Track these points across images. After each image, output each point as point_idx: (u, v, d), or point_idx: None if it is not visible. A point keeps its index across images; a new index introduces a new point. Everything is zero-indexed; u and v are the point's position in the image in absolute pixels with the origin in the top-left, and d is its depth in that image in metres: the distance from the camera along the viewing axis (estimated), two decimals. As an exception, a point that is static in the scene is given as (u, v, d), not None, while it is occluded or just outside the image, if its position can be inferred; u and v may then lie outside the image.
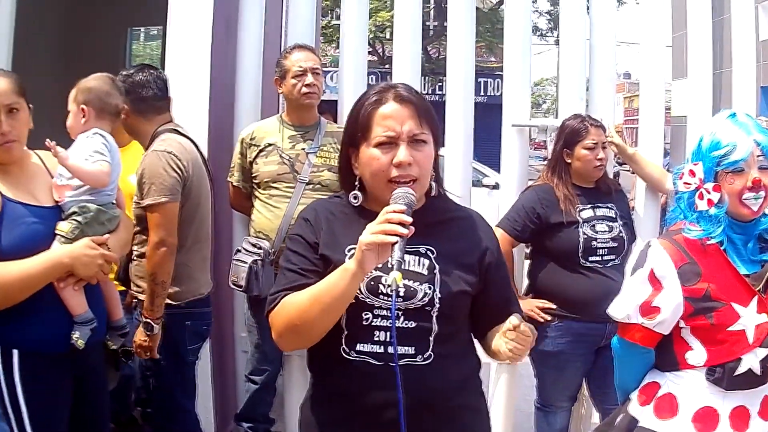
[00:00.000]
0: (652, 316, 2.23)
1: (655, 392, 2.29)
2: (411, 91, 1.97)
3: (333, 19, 21.30)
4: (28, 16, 4.34)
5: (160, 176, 3.09)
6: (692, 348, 2.23)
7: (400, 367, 1.81)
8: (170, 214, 3.11)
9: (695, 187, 2.24)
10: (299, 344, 1.96)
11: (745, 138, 2.19)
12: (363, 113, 1.94)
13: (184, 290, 3.23)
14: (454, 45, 4.07)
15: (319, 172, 3.61)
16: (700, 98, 4.02)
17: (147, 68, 3.40)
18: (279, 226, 3.55)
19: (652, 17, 4.04)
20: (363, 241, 1.73)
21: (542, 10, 27.36)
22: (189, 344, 3.30)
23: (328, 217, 2.00)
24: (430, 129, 1.94)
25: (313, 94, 3.65)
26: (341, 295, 1.79)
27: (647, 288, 2.24)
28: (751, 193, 2.19)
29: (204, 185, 3.34)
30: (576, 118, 3.62)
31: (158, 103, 3.34)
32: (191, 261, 3.27)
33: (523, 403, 4.20)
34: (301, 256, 1.95)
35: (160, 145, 3.19)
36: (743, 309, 2.18)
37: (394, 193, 1.83)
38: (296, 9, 4.13)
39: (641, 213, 4.00)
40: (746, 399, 2.20)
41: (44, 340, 2.49)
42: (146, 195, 3.10)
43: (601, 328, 3.37)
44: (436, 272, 1.91)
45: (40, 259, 2.41)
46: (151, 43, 9.73)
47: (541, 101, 49.11)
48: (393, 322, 1.82)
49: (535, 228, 3.49)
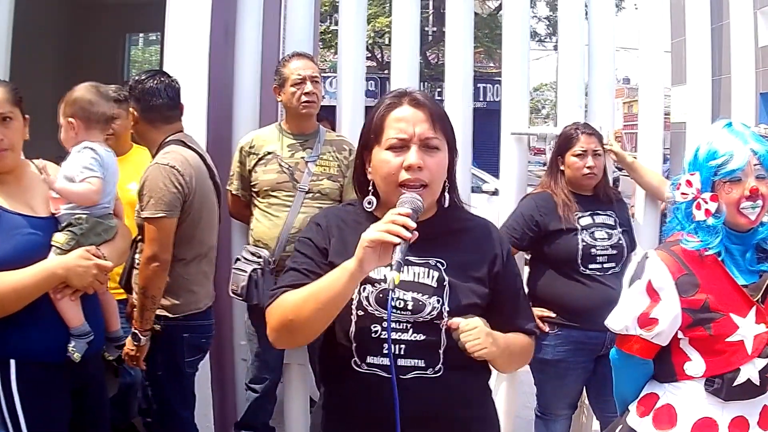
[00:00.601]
0: (650, 328, 2.22)
1: (654, 403, 2.28)
2: (427, 97, 1.96)
3: (332, 24, 21.32)
4: (26, 23, 4.33)
5: (160, 191, 3.08)
6: (691, 359, 2.22)
7: (410, 380, 1.82)
8: (166, 229, 3.09)
9: (692, 198, 2.23)
10: (292, 341, 1.95)
11: (742, 147, 2.18)
12: (377, 116, 1.94)
13: (181, 303, 3.21)
14: (453, 50, 4.07)
15: (319, 181, 3.60)
16: (699, 104, 4.03)
17: (159, 75, 3.35)
18: (278, 234, 3.54)
19: (650, 23, 4.04)
20: (366, 237, 1.72)
21: (541, 16, 27.41)
22: (187, 356, 3.28)
23: (339, 224, 1.99)
24: (445, 136, 1.93)
25: (311, 103, 3.63)
26: (338, 293, 1.77)
27: (645, 299, 2.23)
28: (748, 202, 2.17)
29: (208, 200, 3.31)
30: (572, 126, 3.63)
31: (168, 113, 3.32)
32: (190, 274, 3.25)
33: (524, 411, 4.19)
34: (308, 258, 1.94)
35: (164, 158, 3.16)
36: (741, 320, 2.17)
37: (402, 197, 1.82)
38: (294, 15, 4.13)
39: (641, 220, 4.00)
40: (745, 409, 2.19)
41: (42, 349, 2.48)
42: (145, 208, 3.10)
43: (600, 336, 3.35)
44: (445, 285, 1.90)
45: (33, 270, 2.40)
46: (150, 49, 9.75)
47: (541, 107, 49.16)
48: (389, 326, 1.81)
49: (533, 236, 3.48)
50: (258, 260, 3.52)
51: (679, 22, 4.20)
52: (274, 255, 3.54)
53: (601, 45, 4.04)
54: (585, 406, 3.88)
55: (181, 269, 3.19)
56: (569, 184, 3.56)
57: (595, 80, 4.06)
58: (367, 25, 5.17)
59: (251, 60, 4.08)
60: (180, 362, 3.25)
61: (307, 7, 4.13)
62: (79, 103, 2.78)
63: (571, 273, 3.43)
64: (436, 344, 1.88)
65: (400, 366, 1.84)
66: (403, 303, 1.86)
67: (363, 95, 4.14)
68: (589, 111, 4.08)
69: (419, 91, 2.00)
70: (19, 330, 2.42)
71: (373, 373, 1.86)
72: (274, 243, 3.54)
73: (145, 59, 9.92)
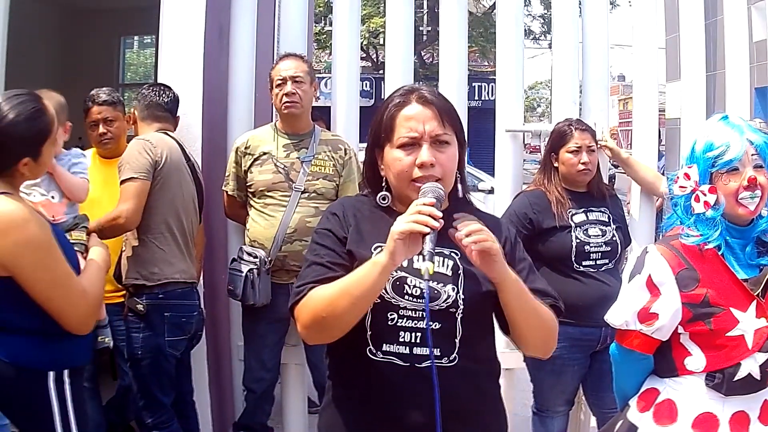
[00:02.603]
0: (651, 323, 2.21)
1: (655, 398, 2.27)
2: (434, 93, 1.98)
3: (326, 25, 21.33)
4: (21, 26, 4.33)
5: (133, 157, 3.34)
6: (691, 354, 2.22)
7: (427, 368, 1.81)
8: (137, 189, 3.31)
9: (691, 190, 2.22)
10: (325, 337, 1.93)
11: (739, 137, 2.18)
12: (387, 115, 1.96)
13: (157, 272, 3.38)
14: (447, 49, 4.07)
15: (315, 181, 3.60)
16: (693, 100, 4.03)
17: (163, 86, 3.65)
18: (274, 235, 3.54)
19: (644, 19, 4.04)
20: (396, 230, 1.72)
21: (536, 14, 27.42)
22: (168, 335, 3.39)
23: (356, 213, 2.00)
24: (454, 130, 1.95)
25: (293, 104, 3.61)
26: (371, 287, 1.78)
27: (645, 294, 2.22)
28: (747, 192, 2.17)
29: (182, 180, 3.49)
30: (564, 122, 3.63)
31: (159, 113, 3.60)
32: (166, 246, 3.41)
33: (521, 409, 4.19)
34: (330, 249, 1.94)
35: (143, 136, 3.47)
36: (742, 314, 2.16)
37: (423, 187, 1.83)
38: (288, 16, 4.13)
39: (636, 217, 4.00)
40: (746, 404, 2.19)
41: (81, 354, 2.52)
42: (121, 173, 3.33)
43: (596, 332, 3.37)
44: (460, 273, 1.91)
45: (93, 268, 2.51)
46: (144, 52, 9.73)
47: (536, 105, 49.24)
48: (427, 314, 1.80)
49: (527, 233, 3.47)
50: (254, 260, 3.53)
51: (673, 19, 4.20)
52: (270, 255, 3.54)
53: (595, 42, 4.05)
54: (582, 403, 3.88)
55: (154, 238, 3.40)
56: (563, 180, 3.57)
57: (589, 77, 4.07)
58: (362, 26, 5.16)
59: (245, 61, 4.08)
60: (161, 342, 3.38)
61: (302, 8, 4.13)
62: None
63: (566, 270, 3.43)
64: (453, 333, 1.89)
65: (416, 354, 1.85)
66: (420, 291, 1.86)
67: (357, 96, 4.14)
68: (583, 108, 4.08)
69: (427, 87, 2.02)
70: (63, 340, 2.40)
71: (390, 361, 1.86)
72: (270, 243, 3.54)
73: (140, 62, 9.91)
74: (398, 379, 1.85)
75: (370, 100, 22.04)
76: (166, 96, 3.59)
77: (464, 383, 1.89)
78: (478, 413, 1.94)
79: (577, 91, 4.14)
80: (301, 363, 3.93)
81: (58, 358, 2.40)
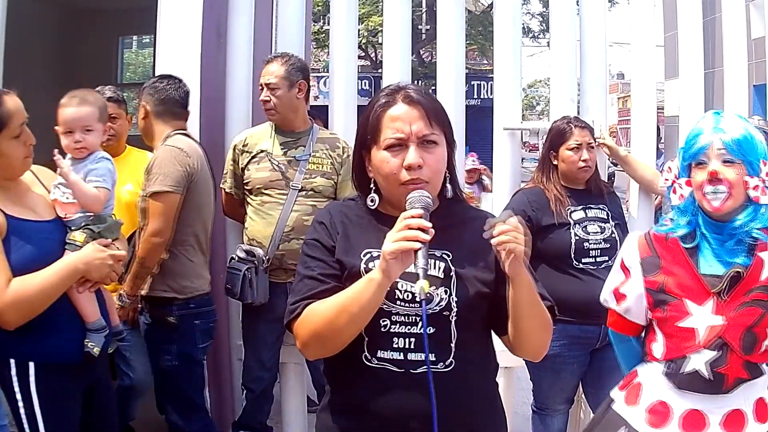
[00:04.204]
0: (621, 303, 2.35)
1: (632, 380, 2.37)
2: (421, 92, 1.94)
3: (325, 24, 21.30)
4: (19, 26, 4.33)
5: (168, 168, 3.26)
6: (656, 340, 2.29)
7: (421, 374, 1.79)
8: (171, 204, 3.26)
9: (671, 183, 2.30)
10: (325, 353, 1.92)
11: (710, 130, 2.18)
12: (372, 116, 1.92)
13: (188, 285, 3.38)
14: (444, 48, 4.07)
15: (312, 179, 3.60)
16: (692, 97, 4.03)
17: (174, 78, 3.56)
18: (272, 233, 3.54)
19: (642, 17, 4.04)
20: (386, 250, 1.70)
21: (534, 12, 27.42)
22: (200, 343, 3.44)
23: (343, 220, 1.97)
24: (442, 130, 1.91)
25: (267, 111, 3.64)
26: (367, 304, 1.77)
27: (620, 275, 2.36)
28: (709, 186, 2.17)
29: (208, 188, 3.49)
30: (562, 120, 3.63)
31: (177, 109, 3.54)
32: (195, 258, 3.42)
33: (521, 407, 4.19)
34: (320, 260, 1.92)
35: (172, 143, 3.37)
36: (697, 307, 2.19)
37: (409, 197, 1.80)
38: (286, 15, 4.13)
39: (635, 214, 4.00)
40: (704, 405, 2.20)
41: (60, 351, 2.51)
42: (153, 183, 3.24)
43: (595, 330, 3.37)
44: (452, 275, 1.88)
45: (55, 269, 2.44)
46: (143, 51, 9.73)
47: (535, 103, 49.22)
48: (425, 332, 1.77)
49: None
50: (252, 259, 3.52)
51: (671, 16, 4.20)
52: (268, 253, 3.54)
53: (594, 40, 4.05)
54: (582, 401, 3.88)
55: (187, 254, 3.37)
56: (562, 178, 3.56)
57: (587, 75, 4.07)
58: (360, 25, 5.16)
59: (243, 60, 4.08)
60: (193, 350, 3.42)
61: (299, 7, 4.13)
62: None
63: (565, 267, 3.43)
64: (448, 337, 1.86)
65: (411, 360, 1.83)
66: (411, 295, 1.84)
67: (355, 94, 4.14)
68: (581, 106, 4.08)
69: (413, 86, 1.98)
70: (36, 332, 2.43)
71: (384, 367, 1.85)
72: (268, 241, 3.54)
73: (139, 62, 9.91)
74: (393, 385, 1.83)
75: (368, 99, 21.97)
76: (182, 90, 3.54)
77: (461, 388, 1.86)
78: (475, 416, 1.91)
79: (576, 90, 4.14)
80: (300, 362, 3.93)
81: (21, 350, 2.43)
